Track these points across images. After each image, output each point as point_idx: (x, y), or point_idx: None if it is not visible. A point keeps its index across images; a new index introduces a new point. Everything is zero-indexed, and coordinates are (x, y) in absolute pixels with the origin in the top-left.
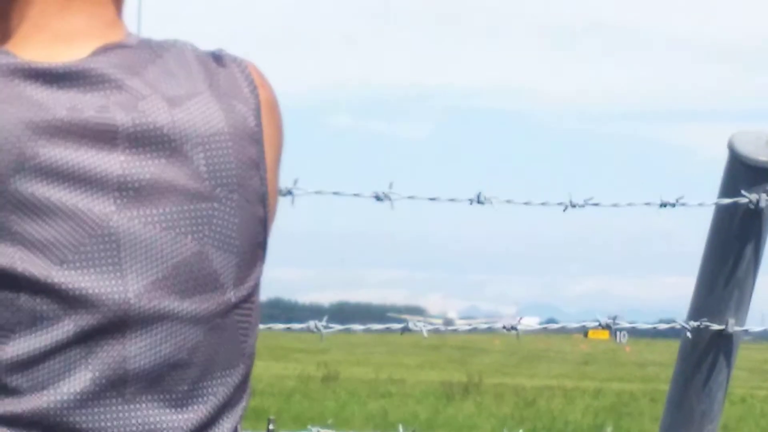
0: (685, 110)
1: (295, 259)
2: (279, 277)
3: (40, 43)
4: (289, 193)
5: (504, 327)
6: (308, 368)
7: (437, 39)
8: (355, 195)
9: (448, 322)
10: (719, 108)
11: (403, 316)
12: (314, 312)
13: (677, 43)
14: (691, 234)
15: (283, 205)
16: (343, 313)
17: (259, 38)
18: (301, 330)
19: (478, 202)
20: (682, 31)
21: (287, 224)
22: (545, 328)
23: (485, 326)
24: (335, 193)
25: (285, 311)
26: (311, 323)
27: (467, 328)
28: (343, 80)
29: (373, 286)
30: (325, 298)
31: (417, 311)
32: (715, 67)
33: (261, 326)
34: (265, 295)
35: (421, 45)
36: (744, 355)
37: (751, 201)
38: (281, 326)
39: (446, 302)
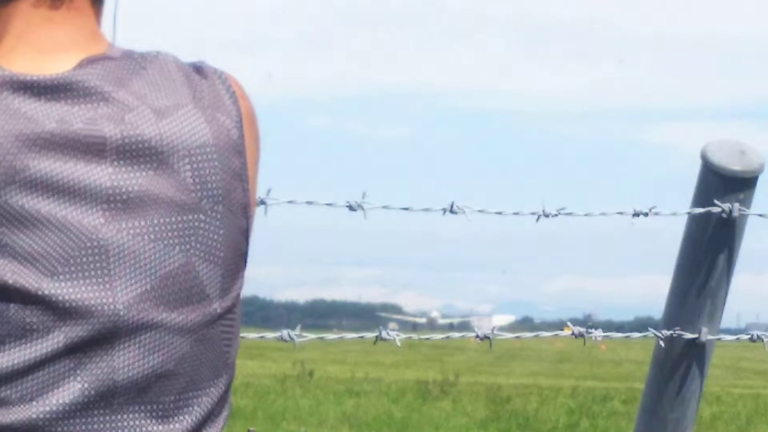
0: (665, 109)
1: (271, 257)
2: (255, 275)
3: (26, 56)
4: (262, 203)
5: (477, 336)
6: (284, 367)
7: (412, 39)
8: (328, 204)
9: (432, 321)
10: (698, 106)
11: (393, 316)
12: (290, 309)
13: (655, 41)
14: (668, 233)
15: (256, 215)
16: (318, 310)
17: (237, 38)
18: (275, 339)
19: (451, 211)
20: (662, 28)
21: (262, 222)
22: (518, 336)
23: (459, 335)
24: (308, 203)
25: (261, 309)
26: (284, 332)
27: (440, 337)
28: (321, 81)
29: (349, 284)
30: (301, 295)
31: (393, 309)
32: (693, 65)
33: None
34: (241, 292)
35: (397, 46)
36: (719, 353)
37: (723, 210)
38: (255, 335)
39: (422, 300)
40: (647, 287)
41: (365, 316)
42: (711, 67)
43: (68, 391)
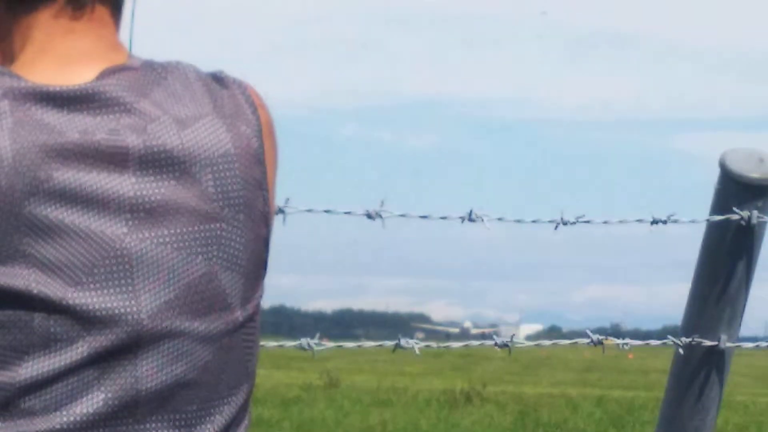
0: (691, 119)
1: (297, 267)
2: (282, 285)
3: (47, 67)
4: (281, 211)
5: (496, 344)
6: (310, 376)
7: (445, 48)
8: (346, 213)
9: (465, 331)
10: (724, 117)
11: (425, 326)
12: (317, 319)
13: (683, 52)
14: (695, 241)
15: (276, 222)
16: (346, 320)
17: (267, 46)
18: (294, 347)
19: (470, 219)
20: (688, 40)
21: (288, 231)
22: (538, 344)
23: (478, 342)
24: (327, 211)
25: (288, 319)
26: (303, 341)
27: (459, 345)
28: (351, 89)
29: (376, 294)
30: (329, 305)
31: (421, 318)
32: (720, 77)
33: None
34: (268, 302)
35: (430, 54)
36: (746, 362)
37: (742, 218)
38: (274, 344)
39: (449, 309)
40: (676, 296)
41: (394, 325)
42: (732, 77)
43: (92, 401)
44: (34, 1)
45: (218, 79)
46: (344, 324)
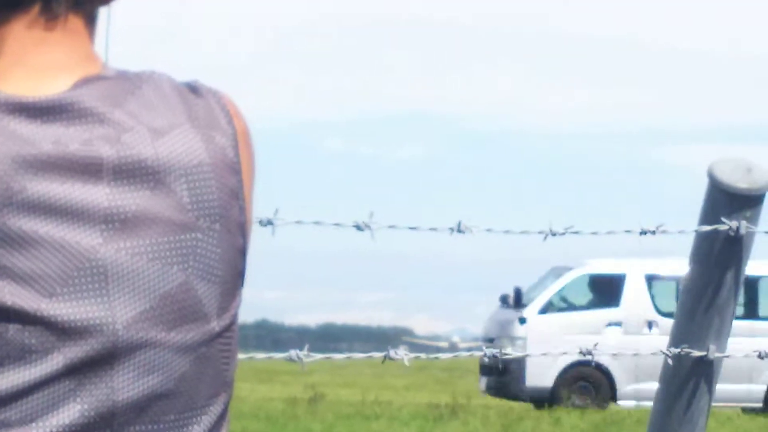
0: (678, 130)
1: (281, 281)
2: (265, 299)
3: (20, 78)
4: (270, 223)
5: (485, 356)
6: (294, 390)
7: (427, 60)
8: (335, 225)
9: (453, 345)
10: (711, 128)
11: (414, 341)
12: (301, 333)
13: (670, 61)
14: (687, 249)
15: (264, 235)
16: (330, 334)
17: (250, 59)
18: (283, 359)
19: (459, 231)
20: (676, 48)
21: (273, 245)
22: (527, 356)
23: (467, 354)
24: (316, 223)
25: (271, 333)
26: (292, 352)
27: (447, 356)
28: (335, 103)
29: (360, 307)
30: (312, 319)
31: (405, 332)
32: (709, 86)
33: (243, 355)
34: (251, 316)
35: (413, 67)
36: None
37: (731, 228)
38: (263, 355)
39: (434, 324)
40: None
41: (378, 339)
42: (721, 86)
43: (68, 413)
44: (6, 13)
45: (193, 89)
46: (328, 338)
